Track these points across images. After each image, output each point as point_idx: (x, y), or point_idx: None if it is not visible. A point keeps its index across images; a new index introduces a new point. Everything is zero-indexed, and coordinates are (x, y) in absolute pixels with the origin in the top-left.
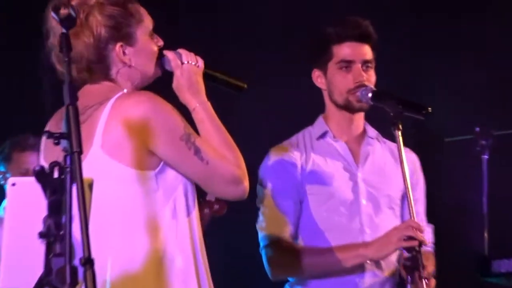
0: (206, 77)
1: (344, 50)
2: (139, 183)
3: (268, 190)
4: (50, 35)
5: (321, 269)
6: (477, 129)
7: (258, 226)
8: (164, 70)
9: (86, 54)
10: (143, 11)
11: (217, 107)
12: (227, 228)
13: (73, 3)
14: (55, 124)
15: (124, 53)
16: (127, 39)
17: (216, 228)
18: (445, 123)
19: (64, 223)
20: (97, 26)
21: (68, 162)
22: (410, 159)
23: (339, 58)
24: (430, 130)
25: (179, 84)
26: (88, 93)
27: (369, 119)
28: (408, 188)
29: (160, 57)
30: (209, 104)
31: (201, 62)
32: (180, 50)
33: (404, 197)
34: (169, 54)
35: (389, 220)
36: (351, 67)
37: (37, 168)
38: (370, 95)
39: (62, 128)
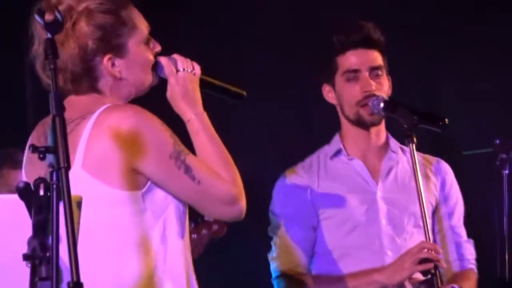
0: (203, 84)
1: (348, 59)
2: (125, 204)
3: (279, 218)
4: (35, 41)
5: None
6: (497, 141)
7: (269, 256)
8: (159, 78)
9: (70, 66)
10: (137, 17)
11: (213, 116)
12: (226, 250)
13: (60, 8)
14: (37, 137)
15: (113, 65)
16: (117, 50)
17: (215, 250)
18: (463, 135)
19: (50, 244)
20: (84, 37)
21: (54, 178)
22: (441, 170)
23: (344, 69)
24: (447, 143)
25: (174, 92)
26: (72, 104)
27: None
28: (423, 205)
29: (154, 64)
30: (205, 115)
31: (197, 69)
32: (175, 56)
33: (435, 212)
34: (162, 60)
35: (414, 240)
36: (358, 77)
37: (21, 185)
38: (381, 105)
39: (48, 142)
